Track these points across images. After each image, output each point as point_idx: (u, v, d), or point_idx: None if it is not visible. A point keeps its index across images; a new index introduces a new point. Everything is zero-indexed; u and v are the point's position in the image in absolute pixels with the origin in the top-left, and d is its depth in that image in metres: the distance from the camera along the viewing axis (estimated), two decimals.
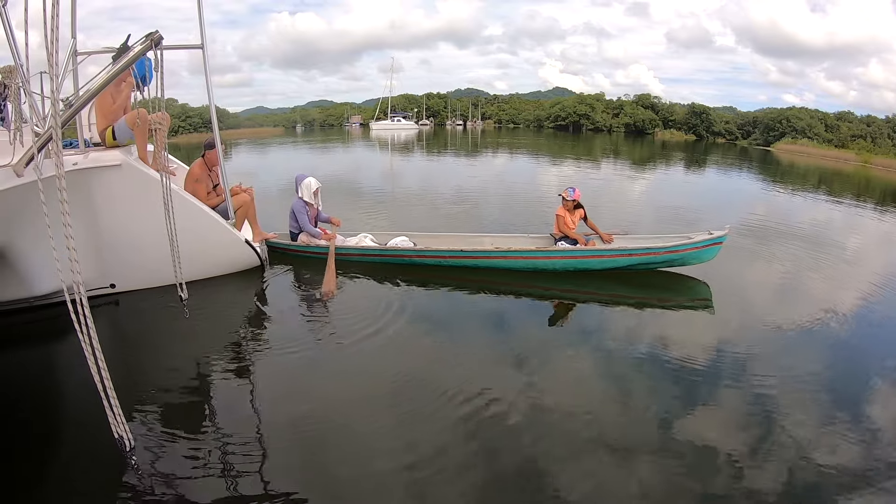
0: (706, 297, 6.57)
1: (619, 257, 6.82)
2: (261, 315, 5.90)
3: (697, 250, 6.75)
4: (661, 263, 6.93)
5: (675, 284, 6.91)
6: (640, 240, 7.27)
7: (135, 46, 4.30)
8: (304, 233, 7.59)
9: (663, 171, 25.67)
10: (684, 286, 6.86)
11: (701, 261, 6.83)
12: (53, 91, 3.09)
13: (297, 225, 7.62)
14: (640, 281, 6.87)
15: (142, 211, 5.60)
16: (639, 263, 6.84)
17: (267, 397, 4.18)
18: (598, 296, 6.53)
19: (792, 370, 4.65)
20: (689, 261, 6.85)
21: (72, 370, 4.42)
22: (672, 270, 7.04)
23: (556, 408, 3.94)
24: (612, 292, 6.58)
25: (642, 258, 6.78)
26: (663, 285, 6.88)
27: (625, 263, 6.84)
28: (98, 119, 6.12)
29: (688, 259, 6.84)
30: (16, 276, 5.18)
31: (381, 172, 22.82)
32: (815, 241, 9.83)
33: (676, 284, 6.91)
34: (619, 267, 6.88)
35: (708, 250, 6.77)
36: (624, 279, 6.84)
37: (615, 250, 6.91)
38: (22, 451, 3.42)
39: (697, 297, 6.61)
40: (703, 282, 6.86)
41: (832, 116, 66.75)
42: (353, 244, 7.55)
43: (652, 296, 6.56)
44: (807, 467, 3.36)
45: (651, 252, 6.78)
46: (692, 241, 6.76)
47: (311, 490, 3.12)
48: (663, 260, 6.86)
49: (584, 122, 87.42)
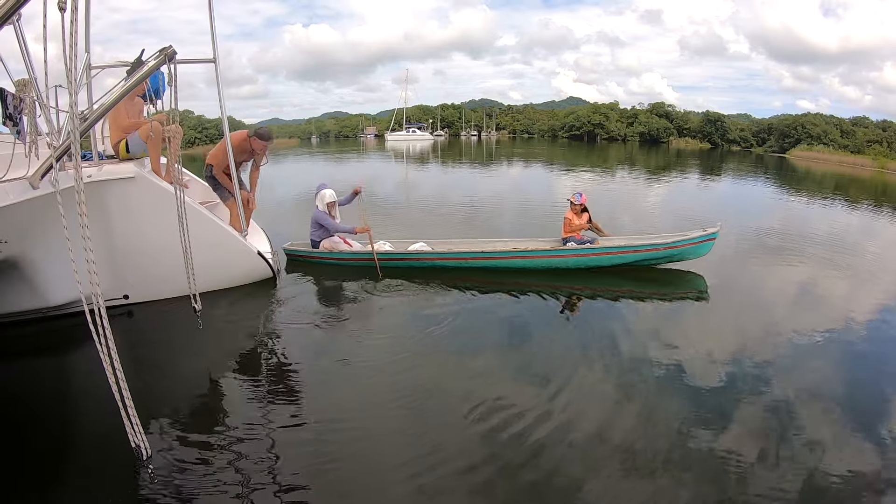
0: (703, 291, 7.05)
1: (624, 254, 7.39)
2: (274, 325, 5.90)
3: (693, 246, 7.32)
4: (661, 259, 7.49)
5: (676, 280, 7.39)
6: (642, 238, 7.86)
7: (149, 61, 4.35)
8: (325, 240, 7.78)
9: (679, 179, 25.44)
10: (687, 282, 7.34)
11: (697, 256, 7.41)
12: (72, 104, 3.12)
13: (319, 233, 7.83)
14: (647, 276, 7.37)
15: (155, 223, 5.64)
16: (642, 259, 7.44)
17: (281, 407, 4.15)
18: (609, 292, 6.77)
19: (810, 378, 4.57)
20: (687, 256, 7.43)
21: (87, 379, 4.45)
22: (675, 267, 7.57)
23: (573, 417, 3.86)
24: (622, 288, 6.92)
25: (644, 254, 7.40)
26: (666, 280, 7.37)
27: (629, 259, 7.41)
28: (112, 132, 6.20)
29: (685, 254, 7.42)
30: (30, 287, 5.24)
31: (397, 182, 22.89)
32: (833, 247, 9.67)
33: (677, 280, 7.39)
34: (624, 263, 7.42)
35: (702, 246, 7.35)
36: (632, 275, 7.31)
37: (620, 248, 7.45)
38: (39, 460, 3.44)
39: (698, 291, 7.11)
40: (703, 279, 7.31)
41: (847, 122, 65.90)
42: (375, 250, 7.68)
43: (658, 291, 6.96)
44: (825, 477, 3.28)
45: (652, 248, 7.39)
46: (687, 237, 7.35)
47: (325, 501, 3.10)
48: (663, 255, 7.42)
49: (598, 131, 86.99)
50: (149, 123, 5.93)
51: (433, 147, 60.93)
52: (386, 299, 6.48)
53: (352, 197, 8.09)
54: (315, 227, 7.85)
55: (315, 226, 7.84)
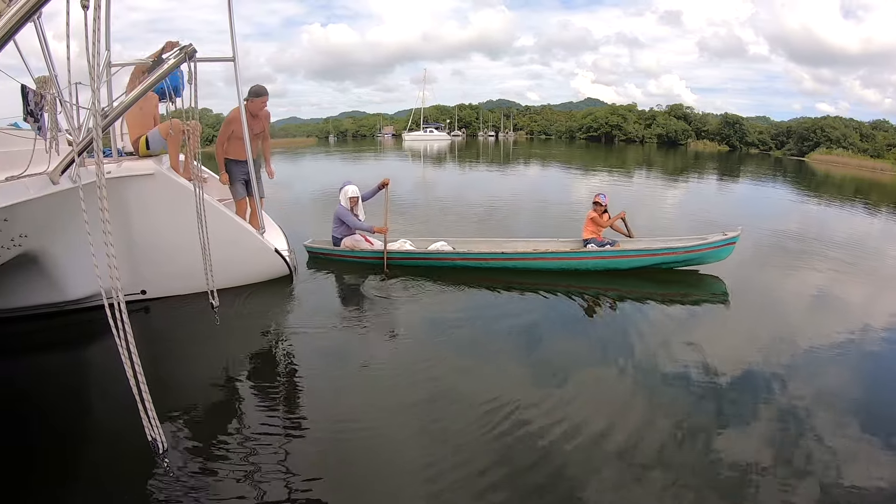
0: (725, 295, 6.94)
1: (643, 257, 7.34)
2: (291, 323, 5.92)
3: (713, 250, 7.25)
4: (681, 262, 7.41)
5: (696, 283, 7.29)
6: (661, 241, 7.77)
7: (169, 58, 4.38)
8: (347, 238, 7.87)
9: (697, 182, 25.19)
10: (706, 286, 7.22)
11: (717, 259, 7.32)
12: (95, 101, 3.15)
13: (341, 230, 7.92)
14: (667, 279, 7.29)
15: (173, 219, 5.70)
16: (661, 262, 7.36)
17: (296, 406, 4.17)
18: (629, 294, 6.68)
19: (830, 385, 4.45)
20: (707, 259, 7.34)
21: (102, 373, 4.52)
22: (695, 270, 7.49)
23: (590, 423, 3.78)
24: (638, 289, 6.84)
25: (663, 258, 7.32)
26: (686, 283, 7.26)
27: (648, 262, 7.35)
28: (130, 129, 6.25)
29: (705, 258, 7.33)
30: (49, 281, 5.31)
31: (415, 182, 22.93)
32: (854, 251, 9.49)
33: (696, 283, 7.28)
34: (642, 266, 7.36)
35: (723, 250, 7.27)
36: (652, 277, 7.27)
37: (639, 251, 7.40)
38: (54, 453, 3.46)
39: (718, 294, 6.99)
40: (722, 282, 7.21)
41: (867, 125, 64.68)
42: (395, 250, 7.73)
43: (679, 294, 6.86)
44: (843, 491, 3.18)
45: (671, 252, 7.31)
46: (707, 241, 7.29)
47: (338, 498, 3.10)
48: (682, 259, 7.35)
49: (616, 133, 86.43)
50: (168, 121, 5.98)
51: (450, 147, 60.97)
52: (404, 299, 6.49)
53: (377, 189, 8.12)
54: (337, 224, 7.94)
55: (337, 222, 7.93)
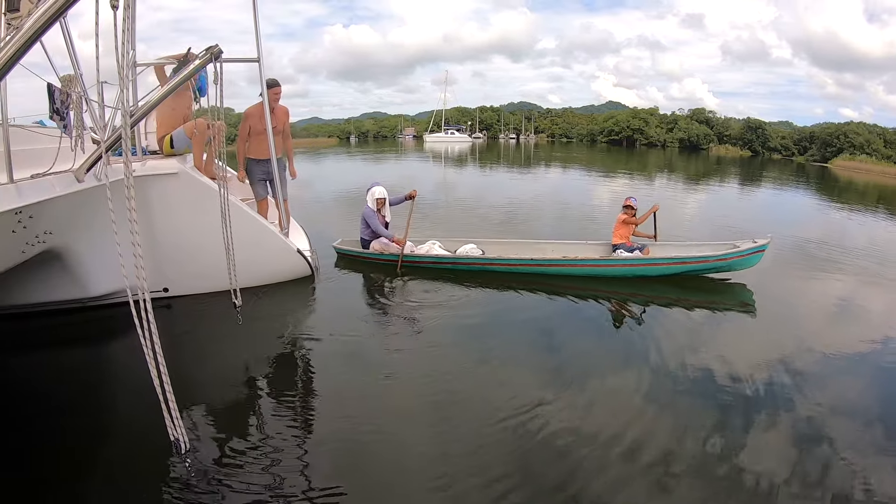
0: (752, 304, 6.80)
1: (673, 265, 7.30)
2: (313, 324, 5.93)
3: (743, 258, 7.19)
4: (711, 270, 7.36)
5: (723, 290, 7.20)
6: (691, 247, 7.85)
7: (195, 59, 4.40)
8: (376, 242, 7.88)
9: (719, 187, 24.85)
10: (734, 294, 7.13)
11: (746, 266, 7.24)
12: (123, 100, 3.21)
13: (367, 232, 7.94)
14: (694, 285, 7.24)
15: (197, 218, 5.74)
16: (691, 270, 7.32)
17: (316, 407, 4.19)
18: (656, 300, 6.66)
19: (858, 398, 4.34)
20: (736, 267, 7.26)
21: (124, 370, 4.56)
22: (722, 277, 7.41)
23: (609, 429, 3.73)
24: (666, 295, 6.82)
25: (694, 265, 7.29)
26: (713, 290, 7.19)
27: (678, 270, 7.31)
28: (158, 126, 6.30)
29: (735, 265, 7.26)
30: (72, 278, 5.38)
31: (438, 183, 23.00)
32: (884, 261, 9.24)
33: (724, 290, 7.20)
34: (672, 273, 7.31)
35: (752, 257, 7.21)
36: (679, 283, 7.20)
37: (669, 258, 7.38)
38: (75, 450, 3.50)
39: (745, 303, 6.87)
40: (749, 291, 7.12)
41: (891, 132, 62.63)
42: (424, 252, 7.76)
43: (705, 301, 6.76)
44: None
45: (702, 260, 7.27)
46: (738, 248, 7.22)
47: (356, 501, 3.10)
48: (713, 267, 7.29)
49: (637, 136, 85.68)
50: (193, 120, 6.02)
51: (472, 149, 61.07)
52: (426, 302, 6.47)
53: (404, 199, 8.14)
54: (364, 226, 7.96)
55: (364, 223, 7.96)
